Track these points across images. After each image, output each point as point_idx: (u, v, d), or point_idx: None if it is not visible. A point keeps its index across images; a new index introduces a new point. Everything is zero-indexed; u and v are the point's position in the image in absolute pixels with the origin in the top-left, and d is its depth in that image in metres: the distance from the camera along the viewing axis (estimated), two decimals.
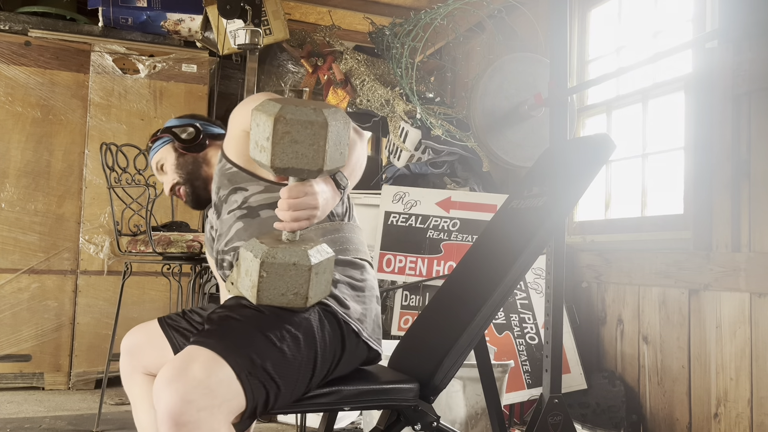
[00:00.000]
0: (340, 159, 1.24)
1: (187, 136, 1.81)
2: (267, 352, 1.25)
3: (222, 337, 1.25)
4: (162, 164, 1.86)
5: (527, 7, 3.52)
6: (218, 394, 1.16)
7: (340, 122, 1.21)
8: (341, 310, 1.41)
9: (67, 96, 3.65)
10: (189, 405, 1.13)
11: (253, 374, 1.21)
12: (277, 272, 1.22)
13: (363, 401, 1.40)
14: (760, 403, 2.29)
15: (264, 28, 3.66)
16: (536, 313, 3.04)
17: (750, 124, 2.39)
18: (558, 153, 1.91)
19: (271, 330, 1.28)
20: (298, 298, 1.25)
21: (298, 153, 1.19)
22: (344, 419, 2.87)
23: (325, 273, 1.28)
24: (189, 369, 1.17)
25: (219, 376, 1.18)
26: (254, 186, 1.57)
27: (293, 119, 1.17)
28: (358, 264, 1.54)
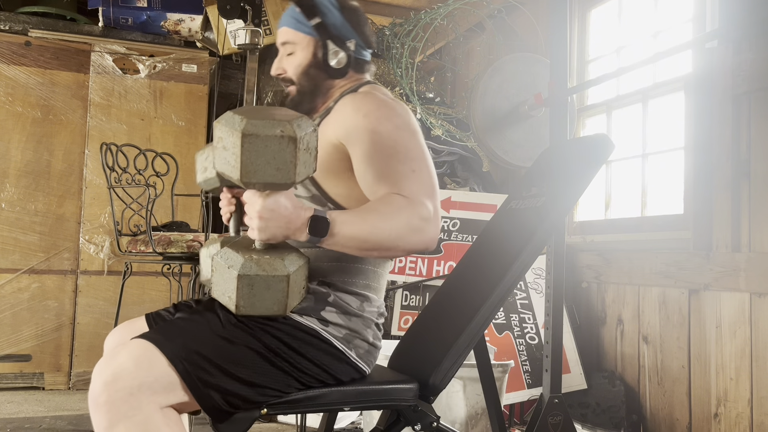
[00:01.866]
0: (310, 168, 1.22)
1: (336, 64, 1.51)
2: (204, 339, 1.25)
3: (162, 331, 1.26)
4: (292, 51, 1.55)
5: (527, 7, 3.52)
6: (140, 374, 1.17)
7: (308, 130, 1.20)
8: (320, 326, 1.37)
9: (68, 96, 3.65)
10: (107, 386, 1.17)
11: (187, 358, 1.21)
12: (256, 285, 1.21)
13: (363, 401, 1.40)
14: (760, 403, 2.29)
15: (264, 28, 3.66)
16: (536, 313, 3.04)
17: (750, 124, 2.39)
18: (557, 153, 1.91)
19: (217, 325, 1.29)
20: (278, 307, 1.24)
21: (268, 166, 1.15)
22: (344, 419, 2.87)
23: (300, 280, 1.28)
24: (116, 355, 1.20)
25: (145, 358, 1.19)
26: (302, 188, 1.46)
27: (261, 134, 1.14)
28: (360, 295, 1.46)
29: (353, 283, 1.44)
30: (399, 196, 1.29)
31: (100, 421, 1.18)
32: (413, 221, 1.27)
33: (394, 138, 1.35)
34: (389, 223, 1.26)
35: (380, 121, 1.36)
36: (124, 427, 1.16)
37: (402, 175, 1.32)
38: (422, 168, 1.34)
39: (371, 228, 1.26)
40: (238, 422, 1.25)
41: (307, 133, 1.19)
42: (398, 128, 1.37)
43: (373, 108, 1.39)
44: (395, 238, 1.26)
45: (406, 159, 1.34)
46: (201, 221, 3.67)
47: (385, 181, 1.32)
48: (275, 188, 1.20)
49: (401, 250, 1.29)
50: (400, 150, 1.34)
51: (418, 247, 1.30)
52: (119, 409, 1.16)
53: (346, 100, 1.45)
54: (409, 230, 1.27)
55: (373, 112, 1.38)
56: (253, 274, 1.20)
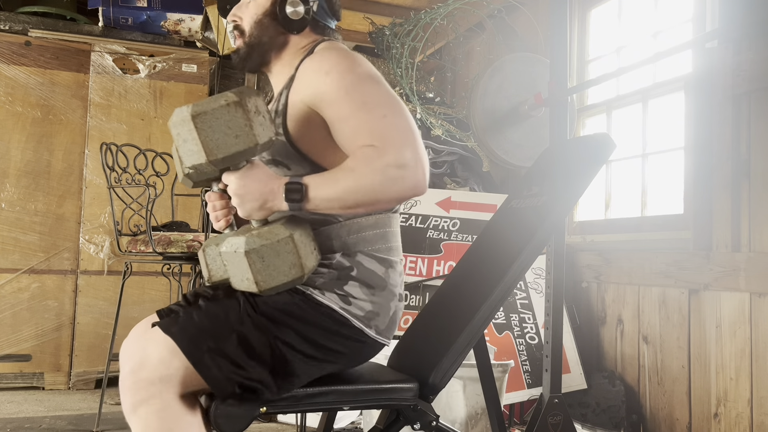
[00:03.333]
0: (269, 129, 1.26)
1: (292, 15, 1.46)
2: (222, 335, 1.27)
3: (182, 327, 1.28)
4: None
5: (527, 7, 3.52)
6: (162, 368, 1.24)
7: (252, 95, 1.24)
8: (341, 305, 1.38)
9: (67, 96, 3.65)
10: (133, 373, 1.26)
11: (205, 356, 1.24)
12: (266, 255, 1.24)
13: (362, 401, 1.40)
14: (760, 403, 2.29)
15: None
16: (536, 313, 3.04)
17: (750, 124, 2.39)
18: (558, 152, 1.91)
19: (233, 312, 1.31)
20: (296, 270, 1.26)
21: (227, 137, 1.20)
22: (344, 419, 2.87)
23: (306, 239, 1.30)
24: (145, 346, 1.27)
25: (167, 353, 1.25)
26: (299, 167, 1.41)
27: (208, 109, 1.19)
28: (386, 261, 1.45)
29: (377, 249, 1.43)
30: (370, 148, 1.25)
31: (125, 402, 1.27)
32: (389, 171, 1.22)
33: (358, 89, 1.32)
34: (363, 178, 1.23)
35: (342, 75, 1.33)
36: (144, 411, 1.24)
37: (372, 123, 1.27)
38: (393, 112, 1.29)
39: (346, 187, 1.24)
40: (238, 420, 1.26)
41: (251, 96, 1.24)
42: (361, 78, 1.34)
43: (332, 63, 1.36)
44: (372, 192, 1.23)
45: (374, 106, 1.29)
46: (201, 221, 3.67)
47: (356, 135, 1.29)
48: (243, 156, 1.23)
49: (385, 202, 1.26)
50: (366, 100, 1.30)
51: (403, 195, 1.25)
52: (141, 394, 1.24)
53: (305, 63, 1.42)
54: (386, 180, 1.22)
55: (334, 68, 1.35)
56: (259, 246, 1.23)
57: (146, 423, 1.24)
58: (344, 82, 1.32)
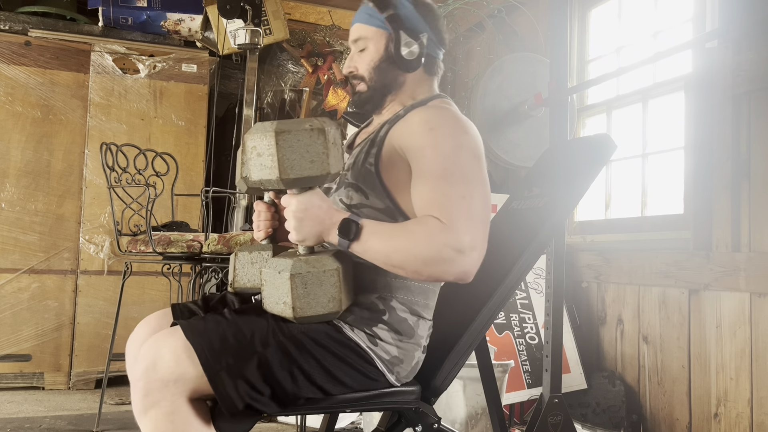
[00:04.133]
0: (340, 162, 1.27)
1: (408, 55, 1.48)
2: (244, 354, 1.25)
3: (203, 334, 1.26)
4: (364, 47, 1.53)
5: (527, 7, 3.52)
6: (177, 370, 1.22)
7: (333, 126, 1.25)
8: (368, 344, 1.35)
9: (67, 96, 3.65)
10: (146, 373, 1.23)
11: (222, 371, 1.22)
12: (309, 282, 1.24)
13: (364, 403, 1.40)
14: (760, 403, 2.29)
15: (264, 28, 3.66)
16: (536, 313, 3.04)
17: (750, 124, 2.39)
18: (558, 153, 1.91)
19: (259, 333, 1.28)
20: (333, 303, 1.26)
21: (303, 160, 1.21)
22: (344, 419, 2.88)
23: (349, 276, 1.31)
24: (161, 346, 1.25)
25: (184, 357, 1.23)
26: (377, 199, 1.41)
27: (292, 129, 1.20)
28: (418, 314, 1.44)
29: (414, 302, 1.42)
30: (437, 221, 1.25)
31: (136, 401, 1.26)
32: (444, 250, 1.23)
33: (452, 158, 1.32)
34: (418, 246, 1.24)
35: (444, 138, 1.34)
36: (154, 413, 1.23)
37: (449, 199, 1.27)
38: (474, 196, 1.29)
39: (398, 246, 1.25)
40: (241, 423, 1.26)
41: (332, 128, 1.25)
42: (460, 148, 1.34)
43: (440, 122, 1.37)
44: (421, 263, 1.24)
45: (459, 183, 1.29)
46: (201, 221, 3.66)
47: (430, 202, 1.29)
48: (312, 182, 1.24)
49: (426, 275, 1.26)
50: (455, 172, 1.31)
51: (446, 278, 1.26)
52: (153, 395, 1.22)
53: (417, 111, 1.43)
54: (438, 258, 1.23)
55: (440, 128, 1.35)
56: (305, 272, 1.23)
57: (156, 426, 1.23)
58: (443, 146, 1.33)
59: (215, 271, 2.62)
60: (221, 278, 2.60)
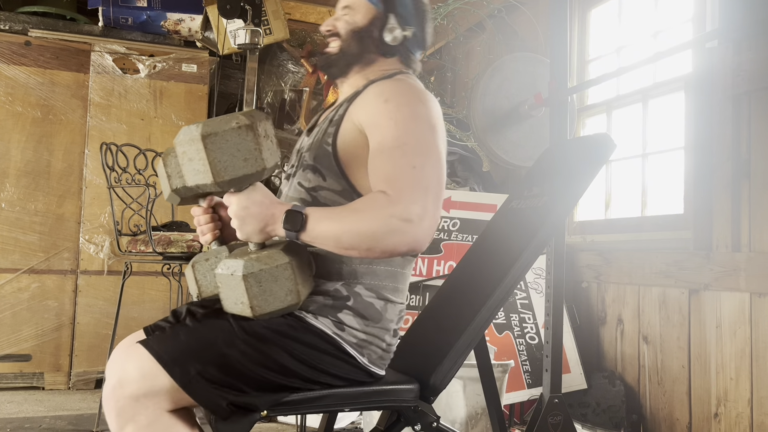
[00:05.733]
0: (276, 154, 1.25)
1: (389, 40, 1.48)
2: (209, 357, 1.23)
3: (166, 347, 1.23)
4: (351, 11, 1.52)
5: (527, 7, 3.52)
6: (145, 384, 1.20)
7: (263, 118, 1.23)
8: (333, 330, 1.34)
9: (67, 96, 3.65)
10: (114, 391, 1.22)
11: (191, 378, 1.20)
12: (264, 280, 1.21)
13: (363, 402, 1.40)
14: (760, 403, 2.29)
15: (264, 27, 3.66)
16: (536, 313, 3.04)
17: (750, 124, 2.39)
18: (558, 153, 1.91)
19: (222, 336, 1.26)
20: (292, 296, 1.24)
21: (235, 159, 1.18)
22: (344, 419, 2.87)
23: (304, 266, 1.28)
24: (125, 362, 1.23)
25: (149, 371, 1.20)
26: (334, 181, 1.39)
27: (218, 131, 1.17)
28: (386, 298, 1.42)
29: (382, 287, 1.41)
30: (383, 195, 1.23)
31: (111, 421, 1.24)
32: (391, 222, 1.19)
33: (405, 128, 1.30)
34: (364, 222, 1.21)
35: (398, 108, 1.32)
36: (132, 428, 1.20)
37: (400, 169, 1.25)
38: (425, 165, 1.26)
39: (345, 227, 1.22)
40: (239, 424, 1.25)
41: (261, 120, 1.22)
42: (414, 118, 1.32)
43: (395, 93, 1.35)
44: (370, 239, 1.20)
45: (411, 153, 1.27)
46: None
47: (382, 177, 1.27)
48: (249, 180, 1.21)
49: (379, 251, 1.22)
50: (408, 142, 1.28)
51: (399, 249, 1.22)
52: (126, 412, 1.20)
53: (373, 85, 1.42)
54: (387, 230, 1.19)
55: (394, 98, 1.34)
56: (257, 270, 1.20)
57: None
58: (397, 114, 1.31)
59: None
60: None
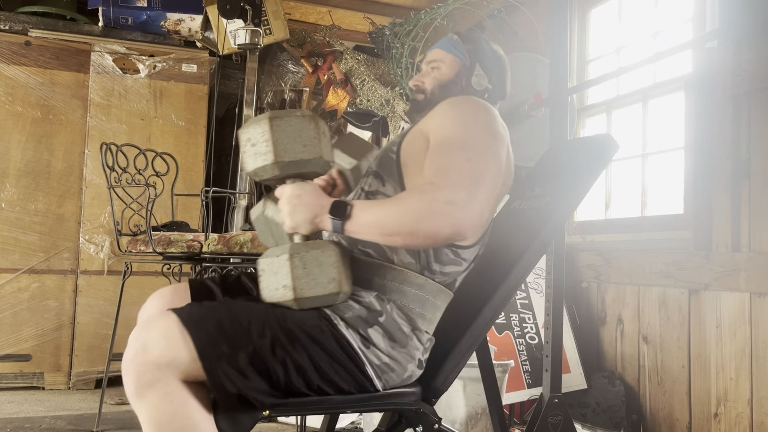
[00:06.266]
0: (329, 152, 1.35)
1: (476, 85, 1.62)
2: (240, 342, 1.23)
3: (200, 319, 1.24)
4: (438, 65, 1.64)
5: (527, 7, 3.52)
6: (169, 353, 1.20)
7: (322, 120, 1.33)
8: (360, 345, 1.33)
9: (67, 96, 3.64)
10: (137, 356, 1.21)
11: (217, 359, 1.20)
12: (309, 262, 1.26)
13: (365, 404, 1.39)
14: (760, 403, 2.29)
15: (264, 28, 3.66)
16: (536, 313, 3.04)
17: (750, 124, 2.40)
18: (560, 153, 1.91)
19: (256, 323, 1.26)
20: (334, 284, 1.28)
21: (296, 144, 1.27)
22: (345, 419, 2.88)
23: (347, 261, 1.33)
24: (151, 328, 1.23)
25: (176, 341, 1.20)
26: (391, 186, 1.45)
27: (284, 116, 1.28)
28: (415, 323, 1.42)
29: (410, 309, 1.41)
30: (429, 183, 1.26)
31: (128, 385, 1.24)
32: (435, 204, 1.21)
33: (465, 129, 1.36)
34: (407, 205, 1.24)
35: (463, 112, 1.40)
36: (151, 394, 1.21)
37: (453, 161, 1.28)
38: (480, 161, 1.29)
39: (388, 211, 1.26)
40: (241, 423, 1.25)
41: (322, 120, 1.33)
42: (476, 122, 1.38)
43: (462, 102, 1.44)
44: (412, 221, 1.22)
45: (468, 149, 1.31)
46: (201, 221, 3.67)
47: (433, 168, 1.30)
48: (306, 166, 1.30)
49: (422, 235, 1.23)
50: (466, 141, 1.33)
51: (442, 233, 1.22)
52: (146, 378, 1.21)
53: (445, 101, 1.50)
54: (428, 212, 1.21)
55: (461, 106, 1.42)
56: (304, 252, 1.26)
57: (155, 407, 1.20)
58: (460, 118, 1.38)
59: (215, 271, 2.62)
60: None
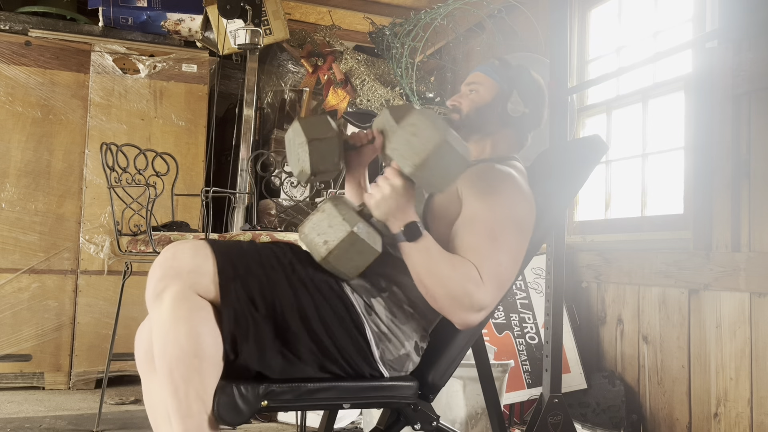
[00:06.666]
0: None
1: (511, 111, 1.67)
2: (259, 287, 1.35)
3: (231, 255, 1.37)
4: (476, 88, 1.70)
5: (527, 7, 3.52)
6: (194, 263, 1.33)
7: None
8: (362, 310, 1.43)
9: (68, 96, 3.65)
10: (165, 260, 1.35)
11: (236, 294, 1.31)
12: (356, 245, 1.37)
13: (363, 398, 1.41)
14: (760, 403, 2.29)
15: (264, 28, 3.66)
16: (536, 313, 3.04)
17: (750, 124, 2.39)
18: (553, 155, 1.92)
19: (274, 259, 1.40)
20: (353, 272, 1.41)
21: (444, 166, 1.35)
22: (344, 419, 2.88)
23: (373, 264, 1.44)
24: (183, 244, 1.37)
25: (202, 258, 1.34)
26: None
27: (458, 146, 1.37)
28: (410, 314, 1.50)
29: (416, 296, 1.47)
30: (477, 273, 1.38)
31: (150, 286, 1.35)
32: (466, 299, 1.36)
33: (500, 227, 1.44)
34: (451, 282, 1.37)
35: (501, 207, 1.46)
36: (169, 294, 1.31)
37: (488, 260, 1.40)
38: (508, 267, 1.42)
39: (434, 269, 1.38)
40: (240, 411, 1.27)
41: None
42: (510, 220, 1.45)
43: (505, 185, 1.50)
44: (444, 294, 1.37)
45: (500, 250, 1.42)
46: (201, 221, 3.67)
47: (471, 250, 1.41)
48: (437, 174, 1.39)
49: (440, 306, 1.39)
50: (499, 239, 1.42)
51: (452, 317, 1.39)
52: (167, 280, 1.32)
53: (489, 163, 1.58)
54: (458, 301, 1.36)
55: (500, 194, 1.48)
56: (361, 238, 1.36)
57: (172, 305, 1.29)
58: (497, 212, 1.45)
59: None
60: None
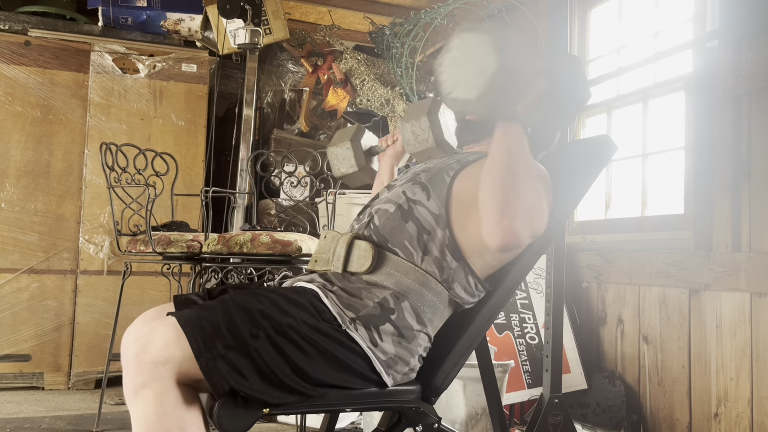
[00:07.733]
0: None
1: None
2: (238, 341, 1.26)
3: (196, 321, 1.27)
4: None
5: (527, 7, 3.52)
6: (166, 353, 1.25)
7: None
8: (368, 344, 1.36)
9: (67, 96, 3.64)
10: (137, 355, 1.27)
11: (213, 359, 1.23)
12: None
13: (365, 402, 1.39)
14: (760, 403, 2.29)
15: (264, 27, 3.66)
16: (536, 313, 3.04)
17: (750, 124, 2.39)
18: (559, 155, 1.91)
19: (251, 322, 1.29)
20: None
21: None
22: (344, 419, 2.87)
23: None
24: (153, 330, 1.28)
25: (174, 342, 1.25)
26: (434, 204, 1.50)
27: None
28: (423, 324, 1.46)
29: (422, 311, 1.44)
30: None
31: (127, 383, 1.30)
32: (534, 170, 1.43)
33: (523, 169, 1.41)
34: (523, 163, 1.39)
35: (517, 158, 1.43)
36: (145, 393, 1.26)
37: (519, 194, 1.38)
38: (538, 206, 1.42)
39: (525, 160, 1.40)
40: (240, 420, 1.26)
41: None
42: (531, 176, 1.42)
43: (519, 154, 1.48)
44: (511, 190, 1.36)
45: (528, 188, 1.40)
46: (201, 221, 3.66)
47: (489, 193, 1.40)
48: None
49: (496, 195, 1.36)
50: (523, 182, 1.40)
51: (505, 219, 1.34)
52: (143, 377, 1.25)
53: None
54: (513, 207, 1.35)
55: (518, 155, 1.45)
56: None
57: (146, 406, 1.25)
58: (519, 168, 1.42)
59: (215, 271, 2.62)
60: (221, 278, 2.60)
